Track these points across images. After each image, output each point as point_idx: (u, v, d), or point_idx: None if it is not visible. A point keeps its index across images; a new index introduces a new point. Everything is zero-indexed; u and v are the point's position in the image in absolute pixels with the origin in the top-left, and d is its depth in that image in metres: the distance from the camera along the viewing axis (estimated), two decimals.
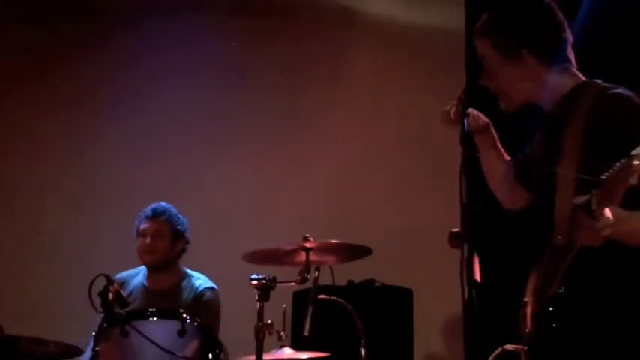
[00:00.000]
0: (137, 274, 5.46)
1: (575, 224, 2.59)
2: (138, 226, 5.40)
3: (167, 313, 4.18)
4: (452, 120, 3.22)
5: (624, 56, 5.50)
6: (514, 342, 3.00)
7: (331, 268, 4.95)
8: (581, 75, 3.14)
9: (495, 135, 3.39)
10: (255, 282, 4.07)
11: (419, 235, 6.23)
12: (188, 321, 4.05)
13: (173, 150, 6.75)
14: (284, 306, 4.51)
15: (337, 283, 5.33)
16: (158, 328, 4.00)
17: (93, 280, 4.00)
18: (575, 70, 3.14)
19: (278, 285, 4.11)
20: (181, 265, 5.47)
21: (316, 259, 4.40)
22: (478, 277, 2.46)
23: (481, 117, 3.32)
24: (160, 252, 5.36)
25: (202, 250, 5.69)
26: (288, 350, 4.42)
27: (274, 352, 4.38)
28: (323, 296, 4.47)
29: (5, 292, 6.46)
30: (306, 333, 4.21)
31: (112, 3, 7.03)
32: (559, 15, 3.14)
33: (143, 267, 5.44)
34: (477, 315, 2.44)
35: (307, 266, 4.27)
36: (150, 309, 4.28)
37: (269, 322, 4.06)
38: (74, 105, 6.82)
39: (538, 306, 2.86)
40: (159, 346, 3.89)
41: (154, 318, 4.11)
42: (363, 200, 6.53)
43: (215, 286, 5.36)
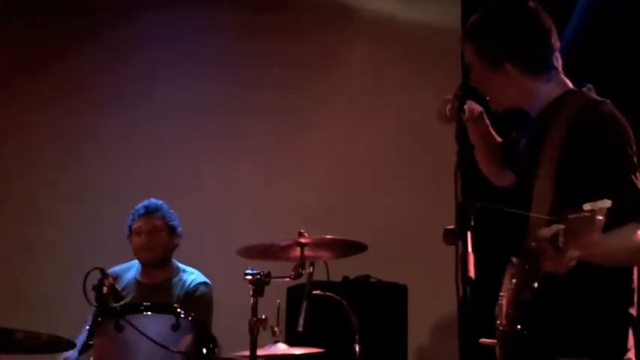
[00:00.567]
0: (130, 269, 5.44)
1: (541, 254, 2.56)
2: (130, 225, 5.37)
3: (161, 308, 4.18)
4: (447, 117, 3.22)
5: (620, 55, 5.52)
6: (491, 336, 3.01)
7: (326, 264, 4.95)
8: (568, 82, 3.12)
9: (488, 122, 3.40)
10: (249, 277, 4.07)
11: (414, 232, 6.23)
12: (182, 315, 4.05)
13: (169, 145, 6.74)
14: (278, 301, 4.51)
15: (332, 279, 5.32)
16: (152, 323, 4.00)
17: (87, 274, 3.99)
18: (561, 78, 3.11)
19: (272, 280, 4.11)
20: (174, 260, 5.45)
21: (311, 255, 4.40)
22: (473, 274, 2.46)
23: (475, 106, 3.31)
24: (158, 248, 5.35)
25: (197, 245, 5.69)
26: (282, 346, 4.42)
27: (268, 348, 4.38)
28: (317, 292, 4.47)
29: None
30: (300, 329, 4.22)
31: None
32: (546, 21, 3.10)
33: (136, 261, 5.43)
34: (472, 312, 2.44)
35: (302, 262, 4.28)
36: (144, 303, 4.27)
37: (263, 318, 4.06)
38: (70, 100, 6.81)
39: (513, 307, 2.87)
40: (153, 341, 3.89)
41: (148, 312, 4.11)
42: (359, 196, 6.54)
43: (208, 281, 5.35)
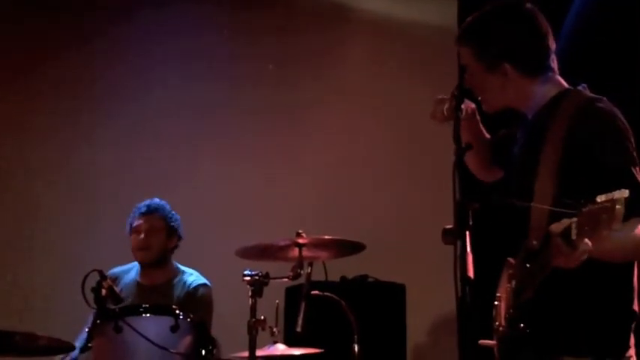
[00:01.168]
0: (130, 270, 5.44)
1: (551, 250, 2.58)
2: (131, 223, 5.37)
3: (160, 309, 4.18)
4: (444, 116, 3.22)
5: (617, 54, 5.52)
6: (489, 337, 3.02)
7: (324, 264, 4.95)
8: (563, 82, 3.13)
9: (479, 118, 3.40)
10: (248, 278, 4.08)
11: (412, 231, 6.23)
12: (181, 317, 4.05)
13: (166, 145, 6.73)
14: (277, 302, 4.51)
15: (330, 279, 5.31)
16: (151, 324, 4.00)
17: (86, 276, 4.00)
18: (557, 78, 3.13)
19: (271, 281, 4.12)
20: (174, 261, 5.45)
21: (309, 255, 4.41)
22: (472, 274, 2.46)
23: (468, 103, 3.31)
24: (155, 249, 5.34)
25: (196, 246, 5.68)
26: (281, 346, 4.42)
27: (267, 348, 4.38)
28: (316, 292, 4.47)
29: None
30: (299, 329, 4.22)
31: None
32: (543, 22, 3.12)
33: (136, 263, 5.43)
34: (470, 311, 2.44)
35: (300, 262, 4.28)
36: (143, 305, 4.27)
37: (262, 318, 4.07)
38: (68, 99, 6.80)
39: (512, 307, 2.87)
40: (152, 342, 3.89)
41: (147, 314, 4.11)
42: (357, 196, 6.54)
43: (208, 282, 5.35)
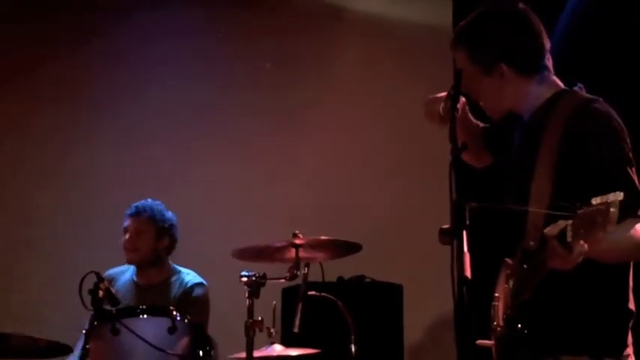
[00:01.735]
0: (126, 271, 5.44)
1: (547, 252, 2.59)
2: (123, 224, 5.39)
3: (157, 311, 4.18)
4: (438, 115, 3.22)
5: (611, 51, 5.53)
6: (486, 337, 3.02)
7: (321, 265, 4.96)
8: (559, 82, 3.14)
9: (468, 108, 3.39)
10: (245, 279, 4.08)
11: (409, 232, 6.24)
12: (178, 318, 4.05)
13: (164, 145, 6.72)
14: (274, 303, 4.52)
15: (327, 280, 5.34)
16: (148, 326, 4.00)
17: (83, 278, 3.99)
18: (553, 78, 3.13)
19: (268, 282, 4.11)
20: (170, 262, 5.45)
21: (306, 256, 4.40)
22: (469, 274, 2.46)
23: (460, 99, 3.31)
24: (142, 250, 5.33)
25: (192, 247, 5.69)
26: (278, 347, 4.43)
27: (264, 349, 4.38)
28: (313, 293, 4.48)
29: None
30: (296, 330, 4.22)
31: None
32: (536, 22, 3.12)
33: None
34: (468, 311, 2.44)
35: (297, 263, 4.28)
36: (140, 306, 4.27)
37: (259, 319, 4.06)
38: (64, 100, 6.80)
39: (510, 308, 2.88)
40: (149, 344, 3.89)
41: (145, 315, 4.11)
42: (353, 196, 6.54)
43: (204, 282, 5.35)
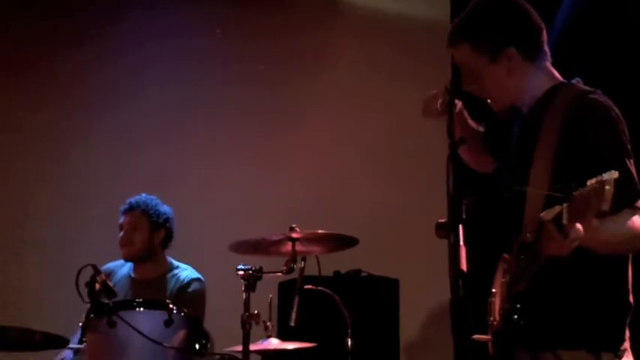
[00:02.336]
0: (124, 265, 5.45)
1: (543, 237, 2.59)
2: (118, 221, 5.40)
3: (154, 304, 4.17)
4: (435, 111, 3.23)
5: (609, 47, 5.54)
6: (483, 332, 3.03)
7: (317, 259, 4.95)
8: (557, 74, 3.16)
9: (467, 112, 3.41)
10: (241, 272, 4.07)
11: (405, 226, 6.25)
12: (175, 312, 4.05)
13: (159, 141, 6.72)
14: (270, 296, 4.52)
15: (323, 274, 5.32)
16: (145, 319, 3.99)
17: (80, 271, 3.99)
18: (552, 69, 3.16)
19: (264, 275, 4.11)
20: (167, 257, 5.45)
21: (302, 250, 4.40)
22: (465, 267, 2.47)
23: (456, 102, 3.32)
24: (137, 245, 5.34)
25: (189, 241, 5.69)
26: (274, 340, 4.42)
27: (261, 343, 4.38)
28: (309, 286, 4.48)
29: None
30: (292, 323, 4.22)
31: None
32: (531, 8, 3.16)
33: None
34: (464, 305, 2.45)
35: (294, 256, 4.28)
36: (137, 299, 4.27)
37: (255, 313, 4.06)
38: (60, 98, 6.79)
39: (506, 301, 2.88)
40: (146, 337, 3.89)
41: (141, 308, 4.10)
42: (350, 190, 6.54)
43: (201, 277, 5.35)
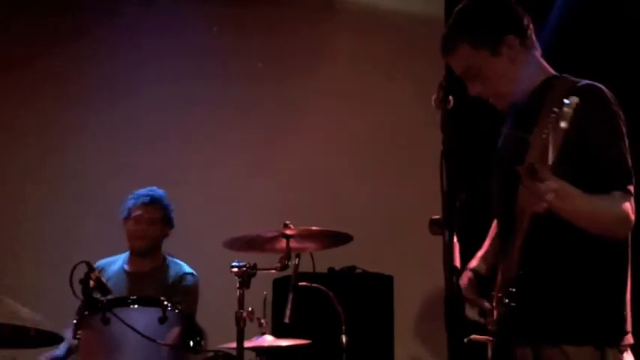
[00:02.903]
0: (116, 261, 5.46)
1: (520, 192, 2.64)
2: (130, 210, 5.40)
3: (148, 301, 4.18)
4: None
5: (602, 45, 5.55)
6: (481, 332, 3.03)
7: (312, 255, 4.95)
8: (549, 67, 3.18)
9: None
10: (236, 269, 4.07)
11: (399, 222, 6.25)
12: (169, 308, 4.05)
13: (156, 138, 6.72)
14: (265, 293, 4.52)
15: (318, 271, 5.31)
16: (139, 316, 3.99)
17: (74, 268, 3.99)
18: (543, 61, 3.19)
19: (258, 272, 4.11)
20: (162, 251, 5.47)
21: (297, 246, 4.40)
22: (458, 264, 2.47)
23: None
24: (152, 238, 5.41)
25: (183, 237, 5.69)
26: (268, 337, 4.43)
27: (255, 340, 4.38)
28: (303, 283, 4.48)
29: None
30: (286, 320, 4.23)
31: None
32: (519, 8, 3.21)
33: (123, 254, 5.45)
34: (458, 301, 2.45)
35: (288, 253, 4.27)
36: (131, 296, 4.27)
37: (250, 310, 4.06)
38: (56, 94, 6.78)
39: (502, 292, 2.89)
40: (140, 333, 3.89)
41: (135, 305, 4.10)
42: (344, 187, 6.55)
43: (195, 272, 5.37)
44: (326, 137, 6.68)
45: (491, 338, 3.02)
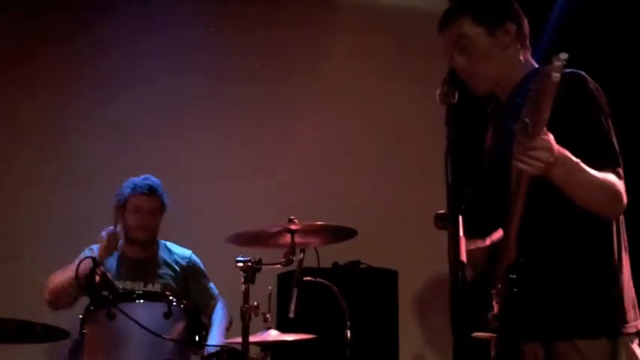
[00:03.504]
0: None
1: (515, 152, 2.60)
2: (127, 199, 5.37)
3: (153, 296, 4.21)
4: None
5: (603, 45, 5.56)
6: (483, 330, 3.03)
7: (316, 250, 4.96)
8: (534, 62, 3.22)
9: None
10: (240, 264, 4.08)
11: (404, 217, 6.25)
12: (174, 303, 4.06)
13: (155, 135, 6.69)
14: (269, 288, 4.52)
15: (322, 265, 5.33)
16: (144, 311, 4.01)
17: (79, 263, 4.01)
18: (530, 58, 3.22)
19: (263, 267, 4.12)
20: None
21: (301, 241, 4.41)
22: (464, 258, 2.47)
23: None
24: (154, 228, 5.42)
25: (188, 233, 5.71)
26: (273, 332, 4.43)
27: (260, 334, 4.39)
28: (308, 278, 4.48)
29: None
30: (291, 315, 4.23)
31: None
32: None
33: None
34: (463, 296, 2.45)
35: (292, 248, 4.28)
36: (136, 291, 4.29)
37: (255, 304, 4.07)
38: (55, 91, 6.75)
39: (503, 282, 2.88)
40: (145, 328, 3.90)
41: (141, 300, 4.12)
42: (348, 182, 6.55)
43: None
44: (329, 132, 6.68)
45: (494, 336, 3.01)
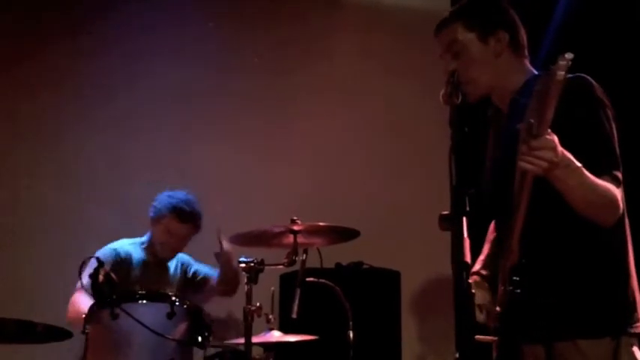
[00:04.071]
0: (136, 249, 5.48)
1: (519, 152, 2.61)
2: (164, 215, 5.40)
3: (156, 296, 4.19)
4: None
5: (604, 49, 5.55)
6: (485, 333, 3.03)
7: (319, 251, 4.96)
8: (532, 69, 3.23)
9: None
10: (243, 264, 4.08)
11: (407, 218, 6.25)
12: (177, 303, 4.06)
13: (155, 133, 6.69)
14: (272, 289, 4.52)
15: (325, 266, 5.34)
16: (147, 311, 4.00)
17: (83, 262, 4.01)
18: (532, 68, 3.23)
19: (266, 268, 4.12)
20: None
21: (304, 242, 4.41)
22: (468, 259, 2.46)
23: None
24: (179, 250, 5.52)
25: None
26: (276, 333, 4.44)
27: (263, 335, 4.39)
28: (311, 279, 4.49)
29: None
30: (294, 316, 4.23)
31: None
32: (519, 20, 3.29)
33: (138, 240, 5.49)
34: (467, 297, 2.45)
35: (295, 249, 4.29)
36: (139, 292, 4.28)
37: (257, 305, 4.07)
38: (55, 88, 6.75)
39: (506, 283, 2.88)
40: (148, 328, 3.89)
41: (144, 300, 4.11)
42: (351, 182, 6.54)
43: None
44: (332, 132, 6.66)
45: (495, 339, 3.01)
